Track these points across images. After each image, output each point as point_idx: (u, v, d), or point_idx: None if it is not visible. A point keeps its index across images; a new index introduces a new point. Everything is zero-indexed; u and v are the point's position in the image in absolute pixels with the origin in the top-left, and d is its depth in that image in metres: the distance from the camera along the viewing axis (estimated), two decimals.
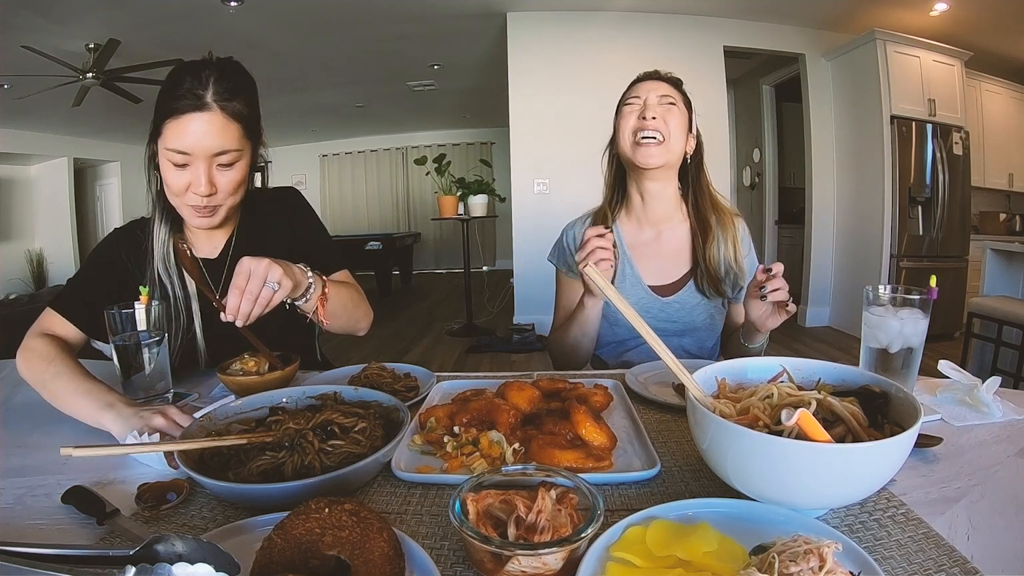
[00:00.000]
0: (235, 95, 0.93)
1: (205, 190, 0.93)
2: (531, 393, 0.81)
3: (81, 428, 0.86)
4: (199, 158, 0.91)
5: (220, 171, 0.95)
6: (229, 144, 0.93)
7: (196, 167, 0.92)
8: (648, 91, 1.19)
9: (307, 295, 0.90)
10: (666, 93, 1.18)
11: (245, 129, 0.95)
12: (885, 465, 0.51)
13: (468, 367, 4.02)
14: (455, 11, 4.32)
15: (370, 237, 7.37)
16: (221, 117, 0.91)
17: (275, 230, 1.14)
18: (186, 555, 0.43)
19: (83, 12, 3.75)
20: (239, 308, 0.79)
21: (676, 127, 1.17)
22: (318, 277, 0.93)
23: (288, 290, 0.83)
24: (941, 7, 4.10)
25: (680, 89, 1.22)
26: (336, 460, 0.64)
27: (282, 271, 0.82)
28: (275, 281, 0.80)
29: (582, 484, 0.52)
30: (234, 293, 0.79)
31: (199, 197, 0.94)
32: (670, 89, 1.20)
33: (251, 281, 0.79)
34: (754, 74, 5.91)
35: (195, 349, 1.08)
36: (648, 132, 1.15)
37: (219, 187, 0.95)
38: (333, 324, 1.01)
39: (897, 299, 0.83)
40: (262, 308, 0.81)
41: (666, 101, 1.18)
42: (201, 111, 0.89)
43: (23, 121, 6.39)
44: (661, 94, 1.18)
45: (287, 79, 5.57)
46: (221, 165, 0.94)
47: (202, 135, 0.90)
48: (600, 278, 0.68)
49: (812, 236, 4.95)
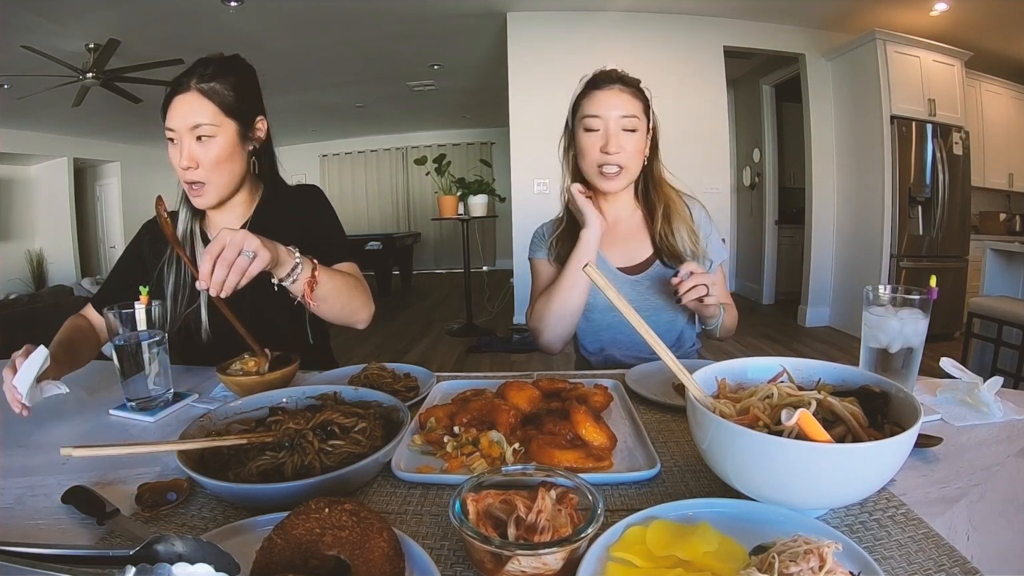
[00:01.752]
0: (214, 78, 1.05)
1: (185, 163, 1.05)
2: (531, 393, 0.81)
3: (81, 428, 0.86)
4: (182, 134, 1.04)
5: (199, 145, 1.05)
6: (202, 118, 1.04)
7: (181, 142, 1.05)
8: (609, 111, 1.16)
9: (293, 275, 0.91)
10: (627, 113, 1.16)
11: (223, 107, 1.06)
12: (885, 465, 0.51)
13: (468, 367, 4.02)
14: (455, 11, 4.32)
15: (370, 237, 7.37)
16: (196, 95, 1.04)
17: (291, 223, 1.16)
18: (186, 555, 0.43)
19: (83, 12, 3.75)
20: (212, 274, 0.80)
21: (636, 149, 1.19)
22: (308, 260, 0.94)
23: (265, 261, 0.84)
24: (941, 7, 4.10)
25: (638, 95, 1.20)
26: (336, 460, 0.64)
27: (259, 242, 0.83)
28: (250, 250, 0.81)
29: (582, 484, 0.52)
30: (206, 259, 0.80)
31: (184, 171, 1.06)
32: (629, 103, 1.17)
33: (227, 249, 0.80)
34: (754, 74, 5.91)
35: (197, 319, 1.13)
36: (610, 166, 1.18)
37: (200, 161, 1.05)
38: (323, 309, 1.02)
39: (897, 299, 0.83)
40: (237, 277, 0.81)
41: (628, 125, 1.16)
42: (181, 93, 1.04)
43: (23, 121, 6.39)
44: (622, 115, 1.16)
45: (287, 79, 5.58)
46: (200, 139, 1.05)
47: (181, 113, 1.04)
48: (600, 277, 0.68)
49: (812, 236, 4.95)
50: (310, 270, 0.94)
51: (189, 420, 0.75)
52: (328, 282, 0.99)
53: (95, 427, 0.86)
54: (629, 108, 1.17)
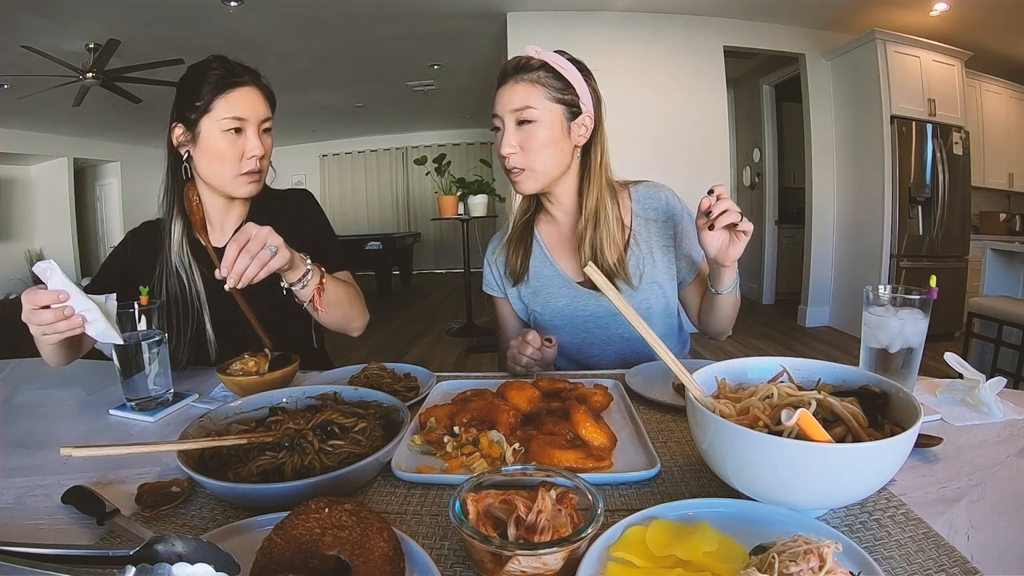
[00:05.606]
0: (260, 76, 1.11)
1: (260, 151, 1.08)
2: (531, 393, 0.81)
3: (81, 428, 0.87)
4: (251, 123, 1.06)
5: (265, 136, 1.10)
6: (268, 112, 1.10)
7: (248, 132, 1.06)
8: (504, 108, 1.06)
9: (304, 281, 0.95)
10: (522, 104, 1.03)
11: (272, 108, 1.12)
12: (885, 465, 0.51)
13: (468, 367, 4.02)
14: (455, 11, 4.32)
15: (370, 237, 7.37)
16: (264, 91, 1.11)
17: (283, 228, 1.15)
18: (186, 555, 0.43)
19: (83, 12, 3.75)
20: (235, 261, 0.81)
21: (540, 146, 1.05)
22: (317, 268, 0.98)
23: (284, 260, 0.87)
24: (941, 7, 4.10)
25: (544, 79, 1.04)
26: (336, 460, 0.64)
27: (282, 240, 0.87)
28: (274, 245, 0.85)
29: (582, 484, 0.52)
30: (232, 246, 0.82)
31: (254, 161, 1.07)
32: (527, 92, 1.04)
33: (252, 241, 0.83)
34: (754, 74, 5.91)
35: (205, 340, 1.13)
36: (508, 166, 1.08)
37: (266, 150, 1.10)
38: (327, 315, 1.05)
39: (897, 299, 0.83)
40: (257, 269, 0.83)
41: (523, 118, 1.04)
42: (248, 85, 1.07)
43: (23, 121, 6.39)
44: (515, 108, 1.04)
45: (287, 79, 5.58)
46: (265, 131, 1.10)
47: (254, 103, 1.07)
48: (600, 277, 0.68)
49: (812, 236, 4.95)
50: (319, 278, 0.97)
51: (189, 420, 0.75)
52: (333, 291, 1.02)
53: (95, 427, 0.86)
54: (523, 100, 1.04)
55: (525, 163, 1.07)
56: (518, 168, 1.08)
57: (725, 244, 0.96)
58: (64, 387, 1.04)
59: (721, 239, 0.95)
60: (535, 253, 1.22)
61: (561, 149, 1.08)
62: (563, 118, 1.06)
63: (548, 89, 1.05)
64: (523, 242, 1.23)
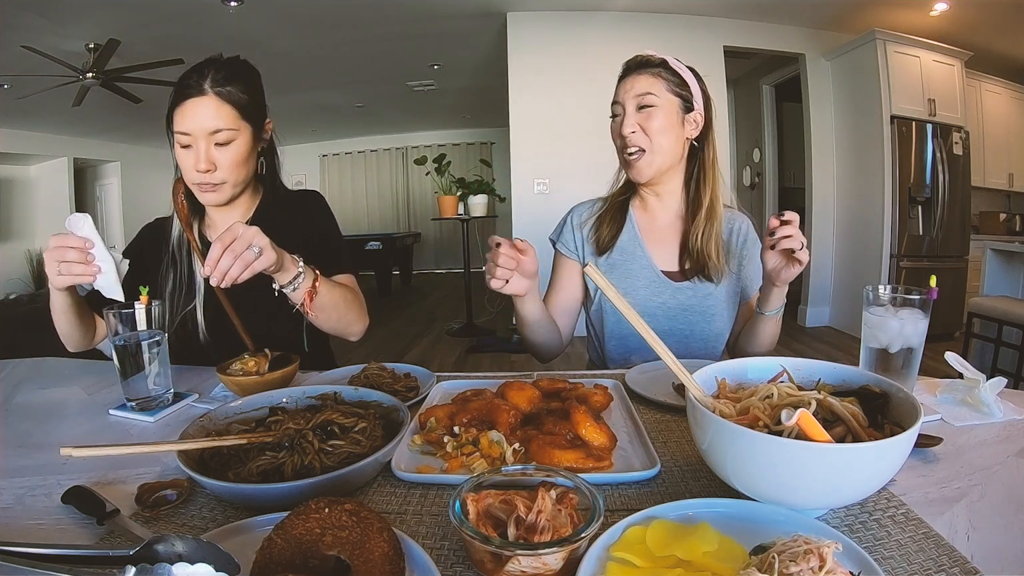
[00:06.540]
0: (229, 82, 1.05)
1: (204, 166, 1.04)
2: (531, 393, 0.81)
3: (81, 428, 0.86)
4: (199, 138, 1.03)
5: (219, 150, 1.05)
6: (223, 123, 1.04)
7: (197, 146, 1.04)
8: (626, 95, 1.15)
9: (295, 283, 0.94)
10: (644, 91, 1.13)
11: (240, 111, 1.06)
12: (885, 465, 0.51)
13: (468, 367, 4.02)
14: (455, 11, 4.32)
15: (370, 237, 7.37)
16: (215, 100, 1.03)
17: (289, 228, 1.16)
18: (186, 555, 0.43)
19: (83, 12, 3.75)
20: (218, 260, 0.81)
21: (659, 129, 1.13)
22: (310, 270, 0.97)
23: (270, 261, 0.86)
24: (941, 7, 4.10)
25: (664, 74, 1.14)
26: (336, 460, 0.64)
27: (268, 241, 0.86)
28: (259, 246, 0.84)
29: (582, 484, 0.52)
30: (217, 245, 0.82)
31: (200, 174, 1.05)
32: (649, 82, 1.13)
33: (237, 241, 0.82)
34: (754, 74, 5.90)
35: (195, 319, 1.15)
36: (629, 148, 1.15)
37: (219, 164, 1.06)
38: (321, 319, 1.05)
39: (897, 299, 0.83)
40: (240, 269, 0.83)
41: (644, 103, 1.13)
42: (198, 96, 1.03)
43: (23, 121, 6.39)
44: (638, 93, 1.13)
45: (287, 79, 5.58)
46: (219, 144, 1.05)
47: (199, 117, 1.03)
48: (600, 277, 0.68)
49: (812, 236, 4.94)
50: (311, 281, 0.96)
51: (189, 420, 0.75)
52: (327, 294, 1.01)
53: (95, 427, 0.86)
54: (645, 87, 1.13)
55: (646, 144, 1.14)
56: (639, 149, 1.14)
57: (780, 265, 1.01)
58: (64, 387, 1.04)
59: (778, 260, 1.01)
60: (627, 229, 1.25)
61: (676, 136, 1.16)
62: (679, 109, 1.15)
63: (667, 82, 1.14)
64: (617, 218, 1.25)
